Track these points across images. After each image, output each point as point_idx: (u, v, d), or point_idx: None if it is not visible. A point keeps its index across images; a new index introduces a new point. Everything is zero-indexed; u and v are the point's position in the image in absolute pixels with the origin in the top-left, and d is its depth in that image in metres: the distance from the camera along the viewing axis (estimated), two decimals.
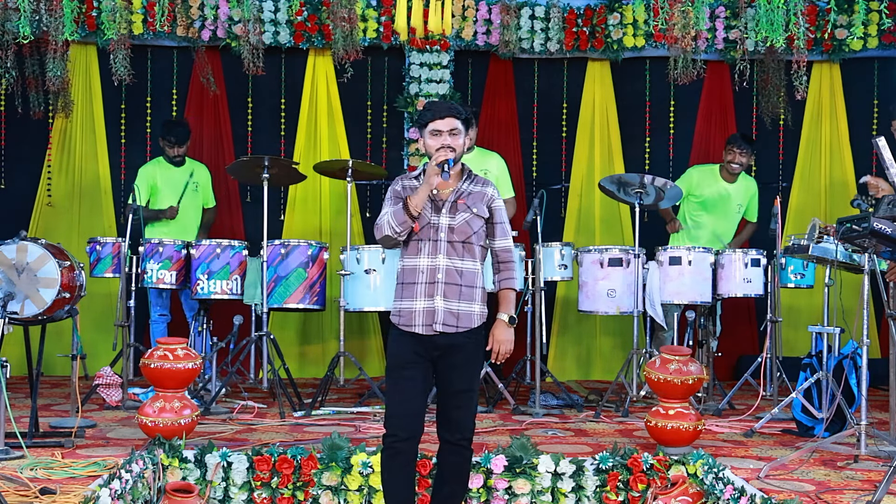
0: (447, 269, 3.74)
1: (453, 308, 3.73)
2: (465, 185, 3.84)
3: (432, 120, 3.77)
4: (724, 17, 7.94)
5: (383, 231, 3.72)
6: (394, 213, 3.69)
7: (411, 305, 3.72)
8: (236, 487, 4.38)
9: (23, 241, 4.79)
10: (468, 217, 3.77)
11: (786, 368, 6.30)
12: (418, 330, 3.70)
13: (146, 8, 7.66)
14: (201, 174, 7.23)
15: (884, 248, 4.35)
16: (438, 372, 3.76)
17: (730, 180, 6.95)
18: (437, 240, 3.74)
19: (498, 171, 6.90)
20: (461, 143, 3.80)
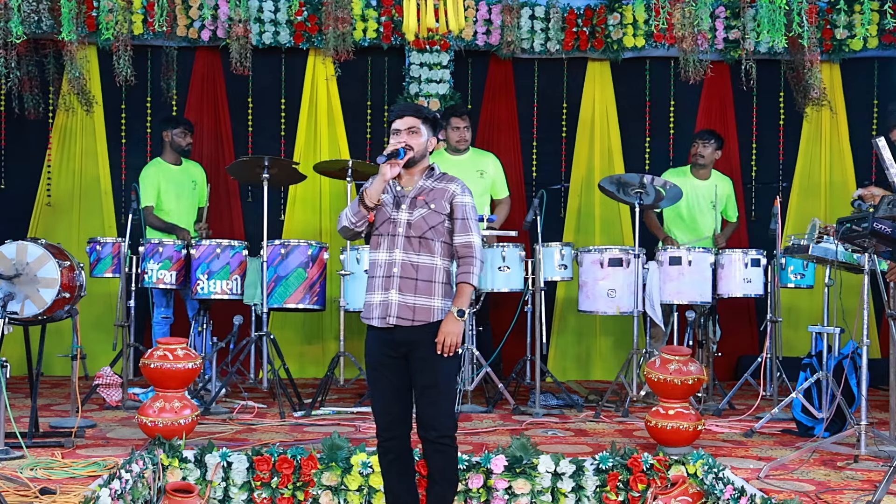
0: (402, 263, 3.79)
1: (409, 302, 3.77)
2: (428, 182, 3.90)
3: (393, 120, 3.89)
4: (724, 17, 7.93)
5: (341, 222, 3.85)
6: (351, 204, 3.82)
7: (370, 298, 3.84)
8: (236, 487, 4.38)
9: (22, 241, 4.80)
10: (426, 213, 3.81)
11: (786, 368, 6.30)
12: (375, 322, 3.80)
13: (146, 8, 7.66)
14: (197, 174, 7.22)
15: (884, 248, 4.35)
16: (409, 369, 3.82)
17: (701, 176, 6.98)
18: (396, 235, 3.82)
19: (494, 171, 6.90)
20: (421, 141, 3.87)
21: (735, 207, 7.20)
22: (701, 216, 6.96)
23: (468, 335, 6.10)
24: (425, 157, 3.92)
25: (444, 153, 6.92)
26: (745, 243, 7.85)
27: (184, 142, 7.00)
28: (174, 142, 6.99)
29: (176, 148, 7.00)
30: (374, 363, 3.87)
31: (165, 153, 7.07)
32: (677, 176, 6.94)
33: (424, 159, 3.92)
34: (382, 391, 3.84)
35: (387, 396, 3.83)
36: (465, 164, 6.81)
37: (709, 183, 6.98)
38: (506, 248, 6.19)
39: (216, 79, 8.10)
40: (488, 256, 6.22)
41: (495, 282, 6.21)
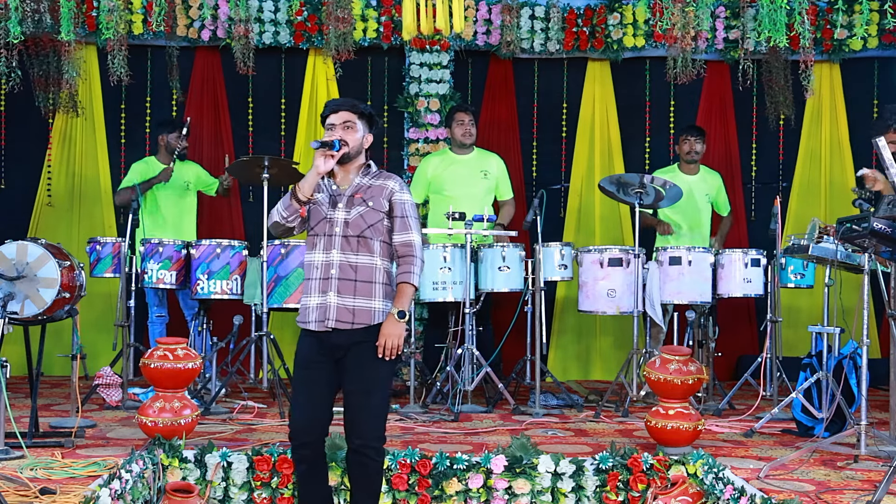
0: (341, 264, 3.68)
1: (348, 304, 3.66)
2: (364, 180, 3.79)
3: (328, 115, 3.77)
4: (724, 17, 7.94)
5: (272, 218, 3.74)
6: (281, 201, 3.72)
7: (307, 301, 3.71)
8: (236, 487, 4.38)
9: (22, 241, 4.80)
10: (363, 211, 3.71)
11: (786, 368, 6.29)
12: (312, 326, 3.68)
13: (146, 8, 7.66)
14: (191, 173, 7.21)
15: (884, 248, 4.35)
16: (342, 374, 3.70)
17: (690, 172, 7.00)
18: (333, 234, 3.70)
19: (498, 171, 6.90)
20: (357, 137, 3.75)
21: (727, 201, 7.22)
22: (699, 212, 6.96)
23: (468, 335, 6.10)
24: (361, 154, 3.80)
25: (448, 152, 6.92)
26: (745, 243, 7.85)
27: (178, 145, 7.01)
28: (169, 145, 7.05)
29: (171, 151, 7.03)
30: (304, 364, 3.74)
31: (160, 154, 7.11)
32: (667, 174, 6.95)
33: (360, 156, 3.80)
34: (309, 394, 3.70)
35: (313, 400, 3.70)
36: (469, 164, 6.81)
37: (698, 178, 7.00)
38: (506, 248, 6.19)
39: (216, 79, 8.10)
40: (488, 256, 6.22)
41: (495, 282, 6.21)
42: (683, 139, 7.01)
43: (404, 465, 4.34)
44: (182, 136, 6.96)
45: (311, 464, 3.75)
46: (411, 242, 3.75)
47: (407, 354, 6.35)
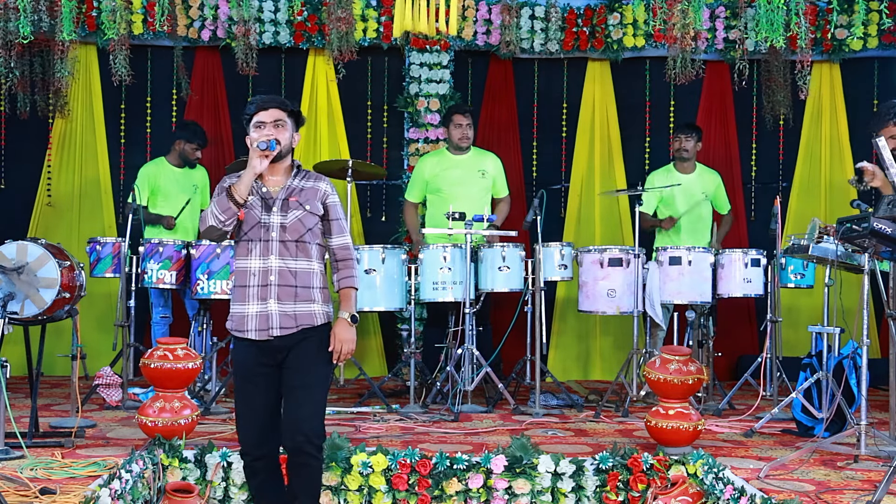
0: (280, 270, 3.59)
1: (289, 310, 3.58)
2: (296, 182, 3.70)
3: (256, 112, 3.67)
4: (724, 17, 7.94)
5: (207, 221, 3.58)
6: (217, 201, 3.56)
7: (243, 310, 3.58)
8: (236, 487, 4.38)
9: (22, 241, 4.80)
10: (301, 215, 3.63)
11: (786, 368, 6.30)
12: (252, 335, 3.57)
13: (146, 8, 7.66)
14: (199, 177, 7.23)
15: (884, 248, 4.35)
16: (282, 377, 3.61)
17: (686, 170, 7.00)
18: (269, 240, 3.60)
19: (495, 170, 6.91)
20: (287, 135, 3.69)
21: (726, 200, 7.22)
22: (697, 210, 6.96)
23: (468, 335, 6.10)
24: (290, 154, 3.73)
25: (445, 152, 6.92)
26: (745, 243, 7.85)
27: (193, 156, 7.10)
28: (184, 152, 7.09)
29: (183, 158, 7.08)
30: (247, 375, 3.61)
31: (171, 156, 7.12)
32: (662, 175, 6.95)
33: (289, 156, 3.72)
34: (255, 405, 3.60)
35: (259, 410, 3.60)
36: (466, 164, 6.81)
37: (694, 176, 7.01)
38: (506, 248, 6.19)
39: (216, 79, 8.10)
40: (488, 256, 6.22)
41: (495, 282, 6.21)
42: (675, 137, 7.05)
43: (404, 465, 4.34)
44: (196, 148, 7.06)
45: (268, 473, 3.67)
46: (348, 245, 3.76)
47: (407, 354, 6.35)
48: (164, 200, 7.04)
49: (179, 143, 7.08)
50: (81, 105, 8.04)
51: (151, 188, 7.01)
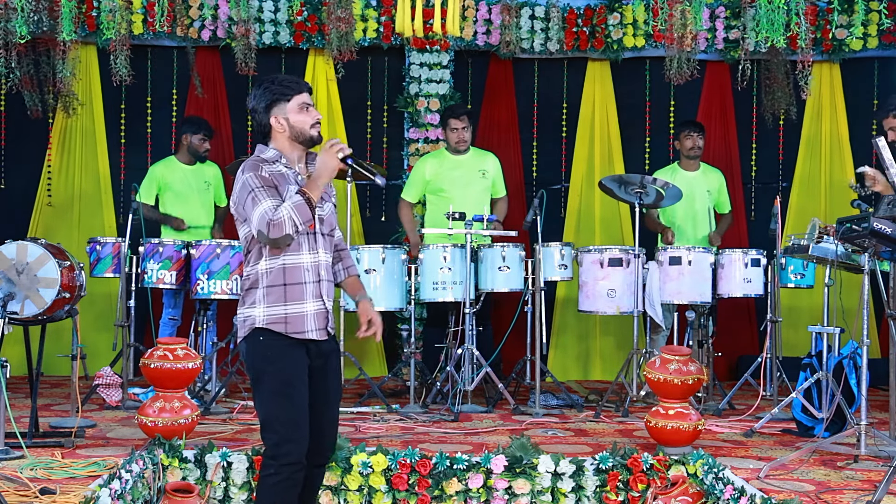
0: (326, 265, 3.44)
1: (330, 308, 3.47)
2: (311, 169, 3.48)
3: (299, 92, 3.41)
4: (724, 17, 7.94)
5: (284, 229, 3.24)
6: (296, 207, 3.23)
7: (302, 309, 3.34)
8: (236, 487, 4.38)
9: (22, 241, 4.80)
10: (331, 206, 3.51)
11: (786, 368, 6.30)
12: (313, 335, 3.35)
13: (146, 8, 7.66)
14: (211, 174, 7.22)
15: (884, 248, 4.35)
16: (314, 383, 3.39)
17: (691, 169, 7.00)
18: (316, 233, 3.42)
19: (494, 170, 6.91)
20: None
21: (728, 200, 7.21)
22: (701, 209, 6.96)
23: (468, 335, 6.10)
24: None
25: (444, 153, 6.92)
26: (745, 243, 7.85)
27: (202, 147, 7.03)
28: (192, 146, 7.01)
29: (192, 152, 7.02)
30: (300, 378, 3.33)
31: (180, 153, 7.09)
32: (667, 173, 6.94)
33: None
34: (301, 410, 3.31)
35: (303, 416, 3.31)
36: (466, 165, 6.81)
37: (700, 174, 7.01)
38: (506, 248, 6.19)
39: (216, 79, 8.10)
40: (488, 256, 6.22)
41: (495, 282, 6.21)
42: (685, 135, 6.97)
43: (404, 465, 4.33)
44: (204, 139, 7.01)
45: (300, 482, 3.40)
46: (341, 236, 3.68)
47: (407, 354, 6.35)
48: (175, 199, 7.01)
49: (186, 138, 7.03)
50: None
51: (160, 187, 6.99)
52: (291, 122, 3.42)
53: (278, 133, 3.43)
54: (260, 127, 3.45)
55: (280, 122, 3.42)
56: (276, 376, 3.32)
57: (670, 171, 6.99)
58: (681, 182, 6.72)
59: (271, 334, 3.34)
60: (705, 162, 7.29)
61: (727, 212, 7.21)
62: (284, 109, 3.42)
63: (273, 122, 3.42)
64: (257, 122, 3.45)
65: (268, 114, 3.42)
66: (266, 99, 3.42)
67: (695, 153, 6.95)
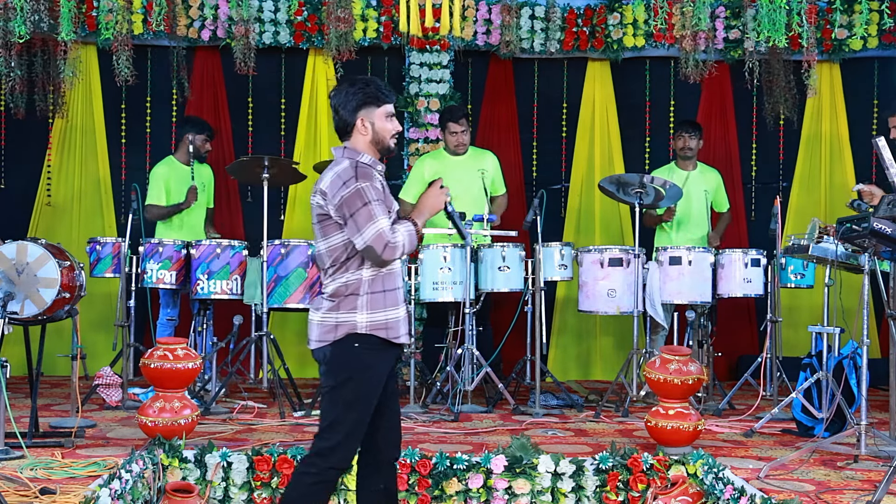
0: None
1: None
2: None
3: (390, 101, 3.43)
4: (724, 17, 7.93)
5: (396, 254, 3.29)
6: (410, 235, 3.32)
7: (397, 314, 3.40)
8: (236, 487, 4.38)
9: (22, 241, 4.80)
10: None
11: (786, 368, 6.30)
12: (404, 339, 3.41)
13: (146, 8, 7.66)
14: (206, 175, 7.22)
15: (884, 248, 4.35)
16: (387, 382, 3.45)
17: (687, 168, 7.00)
18: None
19: (493, 169, 6.92)
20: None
21: (726, 199, 7.20)
22: (697, 208, 6.96)
23: (468, 335, 6.10)
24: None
25: (443, 153, 6.92)
26: (745, 243, 7.84)
27: (204, 148, 7.00)
28: (195, 146, 6.92)
29: (195, 152, 6.95)
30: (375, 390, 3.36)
31: (179, 153, 7.04)
32: (665, 173, 6.94)
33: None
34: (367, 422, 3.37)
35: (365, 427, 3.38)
36: (465, 165, 6.81)
37: (696, 174, 7.01)
38: (506, 248, 6.19)
39: (216, 79, 8.10)
40: (488, 256, 6.22)
41: (495, 282, 6.21)
42: (678, 135, 7.02)
43: (404, 465, 4.34)
44: (206, 140, 6.99)
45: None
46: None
47: (407, 354, 6.35)
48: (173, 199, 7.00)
49: (188, 138, 6.97)
50: (81, 105, 8.04)
51: (167, 189, 6.95)
52: (376, 128, 3.41)
53: (360, 135, 3.42)
54: (342, 124, 3.42)
55: (365, 125, 3.40)
56: (361, 385, 3.33)
57: (667, 171, 6.99)
58: (677, 181, 6.73)
59: (370, 340, 3.35)
60: (705, 162, 7.29)
61: (725, 211, 7.21)
62: (373, 114, 3.40)
63: (358, 122, 3.40)
64: (340, 118, 3.42)
65: (355, 114, 3.40)
66: (357, 99, 3.39)
67: (686, 153, 6.97)
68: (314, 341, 3.39)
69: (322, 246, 3.40)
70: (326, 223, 3.36)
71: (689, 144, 6.95)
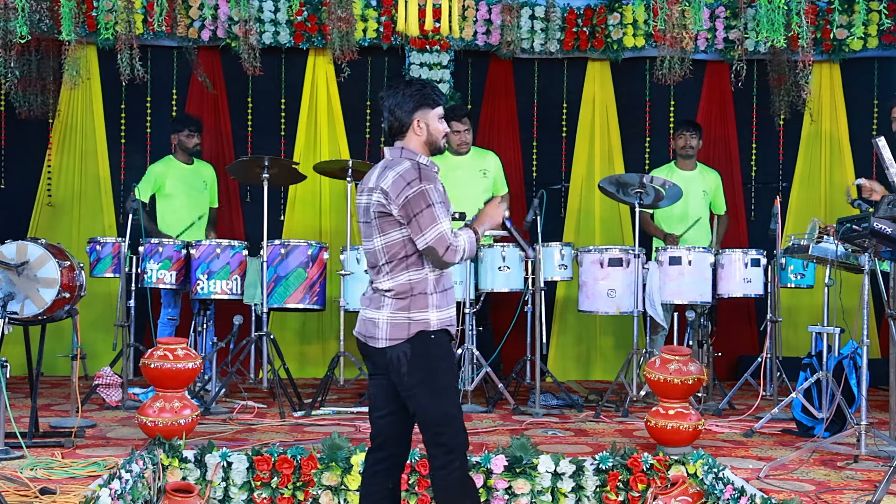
0: None
1: None
2: None
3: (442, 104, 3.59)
4: (724, 17, 7.94)
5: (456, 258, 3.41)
6: (470, 242, 3.46)
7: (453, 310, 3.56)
8: (236, 487, 4.38)
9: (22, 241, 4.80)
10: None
11: (786, 368, 6.29)
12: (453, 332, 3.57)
13: (146, 8, 7.66)
14: (208, 174, 7.23)
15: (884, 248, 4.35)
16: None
17: (687, 168, 7.01)
18: None
19: (495, 169, 6.92)
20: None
21: (723, 201, 7.22)
22: (696, 208, 6.96)
23: (468, 335, 6.10)
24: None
25: (445, 154, 6.91)
26: (745, 243, 7.84)
27: (190, 143, 7.03)
28: (181, 144, 7.02)
29: (184, 149, 7.02)
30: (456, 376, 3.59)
31: (177, 153, 7.09)
32: (664, 172, 6.94)
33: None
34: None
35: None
36: (467, 165, 6.82)
37: (696, 174, 7.01)
38: (506, 248, 6.19)
39: (216, 79, 8.10)
40: (488, 256, 6.22)
41: (495, 282, 6.21)
42: (679, 134, 7.03)
43: None
44: (190, 135, 6.99)
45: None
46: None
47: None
48: (172, 199, 7.01)
49: (176, 137, 7.06)
50: (81, 105, 8.04)
51: (158, 187, 6.99)
52: (430, 129, 3.54)
53: (414, 135, 3.53)
54: (398, 124, 3.52)
55: (420, 126, 3.52)
56: (448, 372, 3.48)
57: (667, 171, 6.99)
58: (676, 181, 6.74)
59: (440, 334, 3.46)
60: (705, 162, 7.29)
61: (722, 213, 7.21)
62: (428, 115, 3.53)
63: (414, 123, 3.51)
64: (396, 118, 3.51)
65: (412, 115, 3.51)
66: (415, 100, 3.51)
67: (686, 152, 6.97)
68: (384, 340, 3.44)
69: (378, 242, 3.48)
70: (386, 220, 3.44)
71: (689, 143, 6.96)
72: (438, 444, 3.42)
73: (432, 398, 3.42)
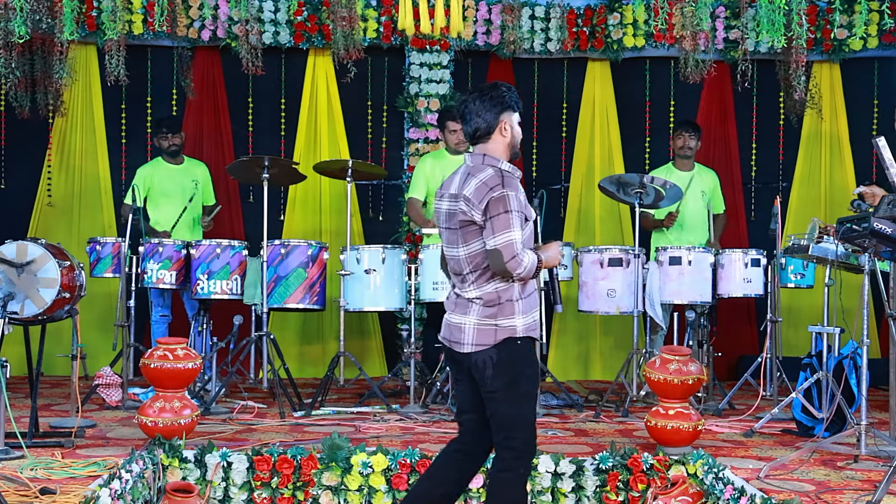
0: None
1: None
2: None
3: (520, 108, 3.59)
4: (724, 18, 7.94)
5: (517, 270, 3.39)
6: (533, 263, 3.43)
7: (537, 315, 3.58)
8: (236, 487, 4.38)
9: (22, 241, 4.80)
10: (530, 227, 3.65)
11: (786, 368, 6.30)
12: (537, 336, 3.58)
13: (146, 8, 7.66)
14: (199, 173, 7.22)
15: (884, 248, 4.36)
16: None
17: (685, 168, 7.01)
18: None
19: None
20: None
21: (722, 201, 7.22)
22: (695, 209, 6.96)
23: None
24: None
25: (444, 153, 6.91)
26: (745, 243, 7.84)
27: (165, 144, 7.04)
28: (159, 147, 7.10)
29: (162, 151, 7.06)
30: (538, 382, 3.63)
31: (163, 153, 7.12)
32: (663, 173, 6.94)
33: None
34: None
35: None
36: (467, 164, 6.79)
37: (694, 174, 7.01)
38: None
39: (216, 79, 8.10)
40: None
41: None
42: (678, 134, 7.03)
43: (404, 465, 4.34)
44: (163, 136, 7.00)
45: None
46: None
47: (407, 354, 6.35)
48: (163, 199, 7.02)
49: (156, 140, 7.11)
50: (81, 105, 8.04)
51: (148, 188, 7.00)
52: (514, 132, 3.56)
53: (499, 138, 3.53)
54: (486, 126, 3.51)
55: (506, 129, 3.53)
56: (531, 379, 3.51)
57: (665, 171, 6.99)
58: (675, 182, 6.74)
59: (526, 340, 3.49)
60: (705, 162, 7.29)
61: (721, 212, 7.21)
62: (512, 118, 3.55)
63: (501, 126, 3.52)
64: (483, 121, 3.51)
65: (498, 117, 3.52)
66: (501, 104, 3.52)
67: (685, 153, 6.97)
68: (469, 345, 3.46)
69: (462, 252, 3.48)
70: (469, 229, 3.45)
71: (688, 143, 6.96)
72: (509, 447, 3.46)
73: (511, 402, 3.46)
